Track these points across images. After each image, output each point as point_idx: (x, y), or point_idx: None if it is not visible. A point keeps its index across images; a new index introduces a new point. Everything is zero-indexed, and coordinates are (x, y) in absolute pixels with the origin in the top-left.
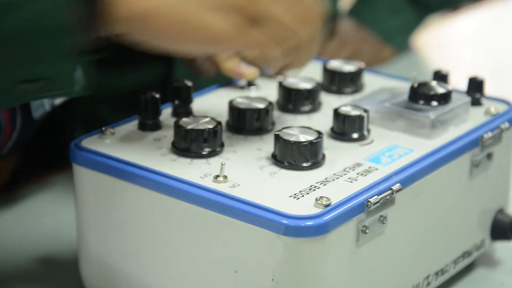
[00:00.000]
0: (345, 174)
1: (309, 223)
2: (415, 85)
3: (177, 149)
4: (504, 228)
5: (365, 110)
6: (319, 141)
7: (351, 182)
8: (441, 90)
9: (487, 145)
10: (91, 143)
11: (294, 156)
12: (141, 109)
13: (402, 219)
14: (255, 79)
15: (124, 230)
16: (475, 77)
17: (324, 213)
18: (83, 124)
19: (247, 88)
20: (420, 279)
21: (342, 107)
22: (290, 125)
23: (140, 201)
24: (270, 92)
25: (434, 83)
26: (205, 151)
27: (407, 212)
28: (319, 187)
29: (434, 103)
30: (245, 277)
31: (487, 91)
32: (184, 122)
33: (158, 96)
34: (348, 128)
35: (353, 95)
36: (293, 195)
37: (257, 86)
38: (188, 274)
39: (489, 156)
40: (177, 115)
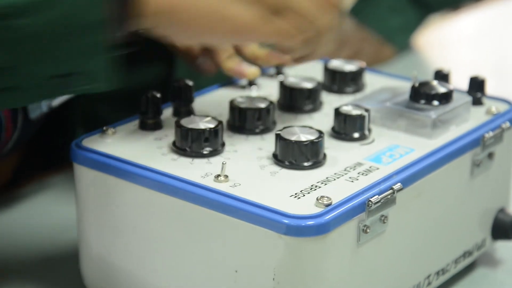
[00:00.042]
0: (346, 174)
1: (310, 222)
2: (416, 84)
3: (178, 148)
4: (505, 228)
5: (366, 110)
6: (320, 140)
7: (352, 181)
8: (442, 89)
9: (488, 144)
10: (92, 142)
11: (295, 155)
12: (142, 108)
13: (403, 218)
14: (256, 78)
15: (125, 229)
16: (476, 77)
17: (325, 212)
18: (84, 123)
19: (248, 87)
20: (421, 279)
21: (343, 107)
22: (291, 125)
23: (140, 200)
24: (271, 91)
25: (435, 82)
26: (206, 150)
27: (408, 212)
28: (320, 187)
29: (435, 103)
30: (246, 277)
31: (488, 90)
32: (185, 122)
33: (159, 95)
34: (349, 127)
35: (354, 94)
36: (294, 195)
37: (258, 86)
38: (189, 274)
39: (490, 156)
40: (178, 114)
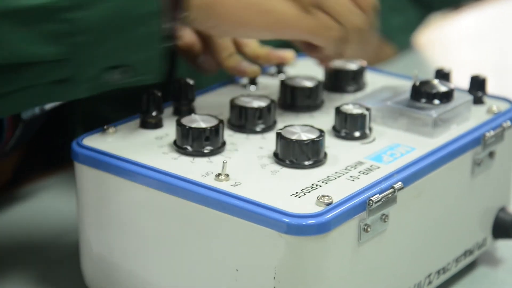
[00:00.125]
0: (347, 173)
1: (310, 221)
2: (417, 83)
3: (179, 147)
4: (506, 227)
5: (367, 109)
6: (321, 139)
7: (353, 180)
8: (443, 88)
9: (489, 143)
10: (93, 141)
11: (296, 154)
12: (143, 107)
13: (404, 217)
14: (257, 77)
15: (126, 228)
16: (477, 76)
17: (326, 211)
18: (84, 123)
19: (249, 86)
20: (421, 278)
21: (344, 106)
22: (292, 124)
23: (141, 199)
24: (272, 90)
25: (436, 81)
26: (207, 149)
27: (409, 211)
28: (321, 186)
29: (436, 102)
30: (246, 276)
31: (489, 89)
32: (185, 121)
33: (160, 94)
34: (350, 126)
35: (355, 93)
36: (295, 194)
37: (259, 84)
38: (189, 272)
39: (491, 155)
40: (178, 113)
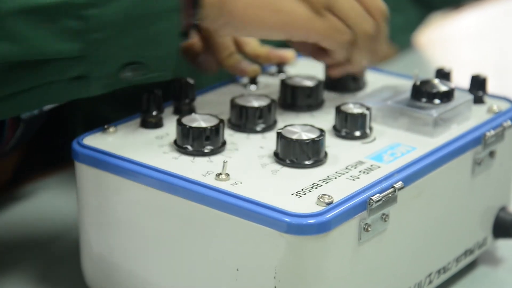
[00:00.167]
0: (347, 172)
1: (311, 221)
2: (418, 83)
3: (179, 147)
4: (506, 226)
5: (368, 108)
6: (321, 139)
7: (353, 180)
8: (443, 88)
9: (490, 143)
10: (93, 140)
11: (296, 154)
12: (143, 106)
13: (404, 217)
14: (257, 76)
15: (126, 227)
16: (477, 75)
17: (326, 211)
18: (85, 122)
19: (250, 85)
20: (422, 277)
21: (345, 105)
22: (292, 123)
23: (141, 198)
24: (272, 89)
25: (436, 81)
26: (207, 149)
27: (409, 210)
28: (321, 185)
29: (437, 101)
30: (247, 275)
31: (490, 89)
32: (186, 120)
33: (160, 93)
34: (350, 126)
35: (355, 93)
36: (295, 193)
37: (260, 84)
38: (190, 272)
39: (491, 154)
40: (179, 112)
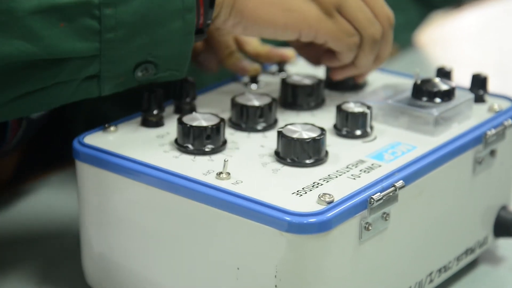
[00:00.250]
0: (348, 171)
1: (312, 220)
2: (418, 82)
3: (180, 145)
4: (507, 225)
5: (368, 107)
6: (322, 138)
7: (354, 179)
8: (444, 87)
9: (491, 142)
10: (94, 139)
11: (297, 153)
12: (144, 105)
13: (405, 216)
14: (258, 75)
15: (127, 226)
16: (478, 74)
17: (327, 210)
18: (86, 120)
19: (250, 84)
20: (423, 276)
21: (345, 104)
22: (293, 122)
23: (142, 197)
24: (273, 88)
25: (437, 80)
26: (208, 148)
27: (410, 209)
28: (322, 184)
29: (437, 100)
30: (247, 274)
31: (491, 88)
32: (187, 119)
33: (161, 92)
34: (351, 124)
35: (356, 92)
36: (296, 192)
37: (260, 83)
38: (190, 271)
39: (492, 153)
40: (180, 111)
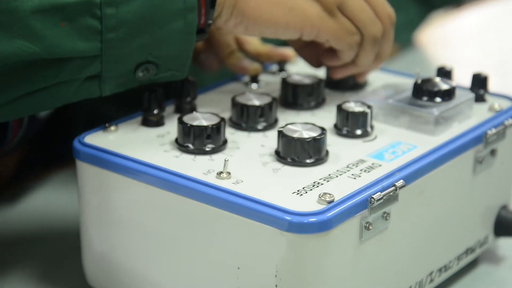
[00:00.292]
0: (348, 171)
1: (312, 219)
2: (419, 81)
3: (180, 145)
4: (507, 225)
5: (369, 107)
6: (323, 137)
7: (355, 178)
8: (444, 86)
9: (491, 141)
10: (94, 139)
11: (297, 152)
12: (144, 105)
13: (406, 215)
14: (258, 74)
15: (127, 226)
16: (479, 74)
17: (328, 209)
18: (86, 120)
19: (251, 84)
20: (423, 276)
21: (346, 104)
22: (294, 121)
23: (143, 197)
24: (274, 88)
25: (437, 79)
26: (208, 147)
27: (410, 209)
28: (322, 184)
29: (438, 100)
30: (248, 274)
31: (491, 87)
32: (187, 118)
33: (161, 92)
34: (351, 124)
35: (356, 91)
36: (296, 192)
37: (261, 82)
38: (191, 270)
39: (492, 153)
40: (180, 111)
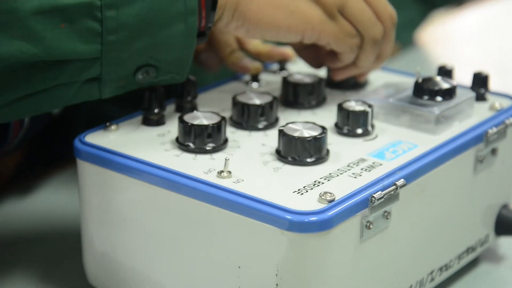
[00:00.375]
0: (349, 170)
1: (313, 218)
2: (420, 80)
3: (181, 144)
4: (508, 224)
5: (370, 106)
6: (323, 136)
7: (355, 177)
8: (445, 85)
9: (492, 140)
10: (95, 138)
11: (298, 151)
12: (145, 104)
13: (406, 214)
14: (259, 74)
15: (128, 225)
16: (479, 72)
17: (328, 208)
18: (87, 119)
19: (251, 83)
20: (424, 275)
21: (347, 103)
22: (294, 120)
23: (144, 196)
24: (274, 87)
25: (438, 78)
26: (209, 146)
27: (411, 208)
28: (323, 183)
29: (439, 99)
30: (249, 273)
31: (492, 86)
32: (188, 118)
33: (162, 91)
34: (352, 123)
35: (357, 90)
36: (297, 191)
37: (261, 81)
38: (192, 269)
39: (493, 152)
40: (181, 110)
